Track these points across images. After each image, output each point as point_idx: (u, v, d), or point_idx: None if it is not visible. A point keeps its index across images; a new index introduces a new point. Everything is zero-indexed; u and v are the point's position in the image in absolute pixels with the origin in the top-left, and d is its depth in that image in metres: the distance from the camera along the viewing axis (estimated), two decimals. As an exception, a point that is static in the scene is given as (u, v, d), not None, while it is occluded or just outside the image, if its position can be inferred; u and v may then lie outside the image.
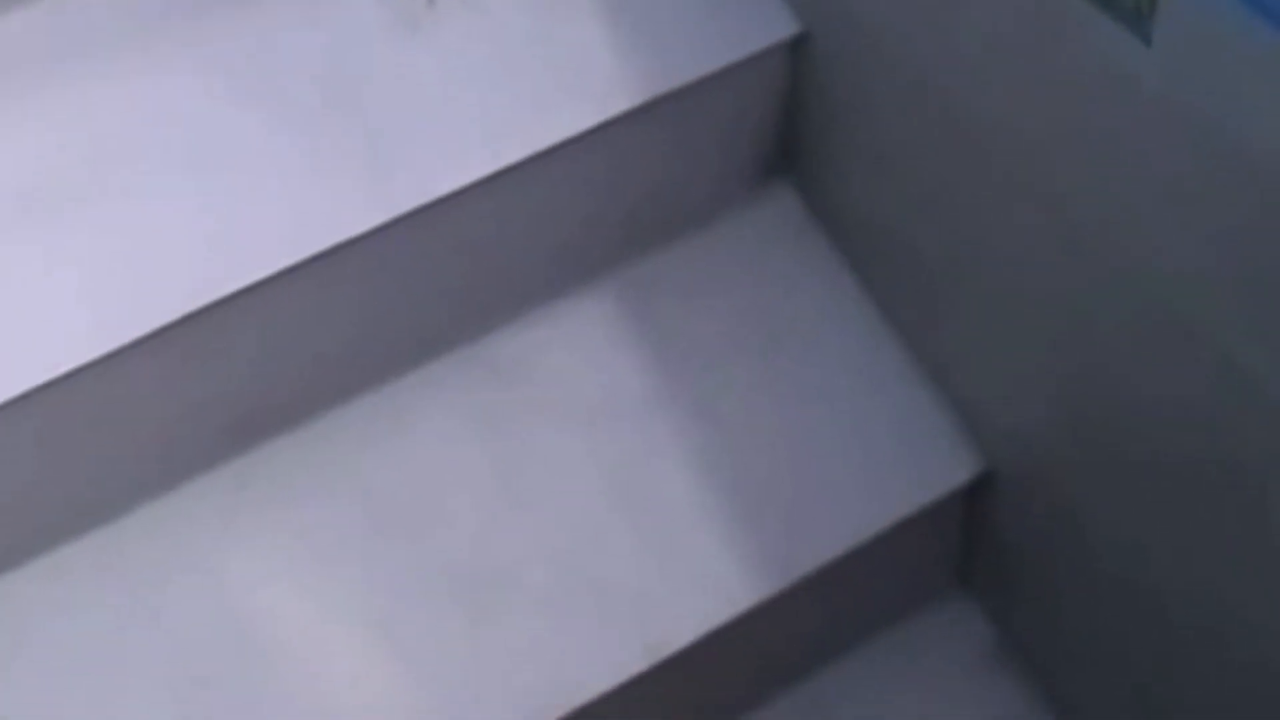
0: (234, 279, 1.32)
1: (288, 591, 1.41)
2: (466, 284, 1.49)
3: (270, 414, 1.45)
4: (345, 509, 1.43)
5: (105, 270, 1.33)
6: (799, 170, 1.60)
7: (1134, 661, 1.43)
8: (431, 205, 1.37)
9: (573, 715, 1.37)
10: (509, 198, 1.43)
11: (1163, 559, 1.31)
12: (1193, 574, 1.27)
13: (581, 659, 1.38)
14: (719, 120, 1.54)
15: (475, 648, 1.38)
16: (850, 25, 1.44)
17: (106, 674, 1.36)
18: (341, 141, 1.39)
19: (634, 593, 1.41)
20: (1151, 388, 1.22)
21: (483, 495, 1.45)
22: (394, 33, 1.44)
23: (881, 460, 1.47)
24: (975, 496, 1.50)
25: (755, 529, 1.43)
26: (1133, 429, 1.28)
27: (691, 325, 1.53)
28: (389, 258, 1.40)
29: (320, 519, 1.43)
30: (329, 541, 1.42)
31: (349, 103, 1.41)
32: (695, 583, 1.42)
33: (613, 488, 1.45)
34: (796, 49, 1.49)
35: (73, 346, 1.29)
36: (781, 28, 1.48)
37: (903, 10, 1.35)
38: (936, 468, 1.48)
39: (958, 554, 1.60)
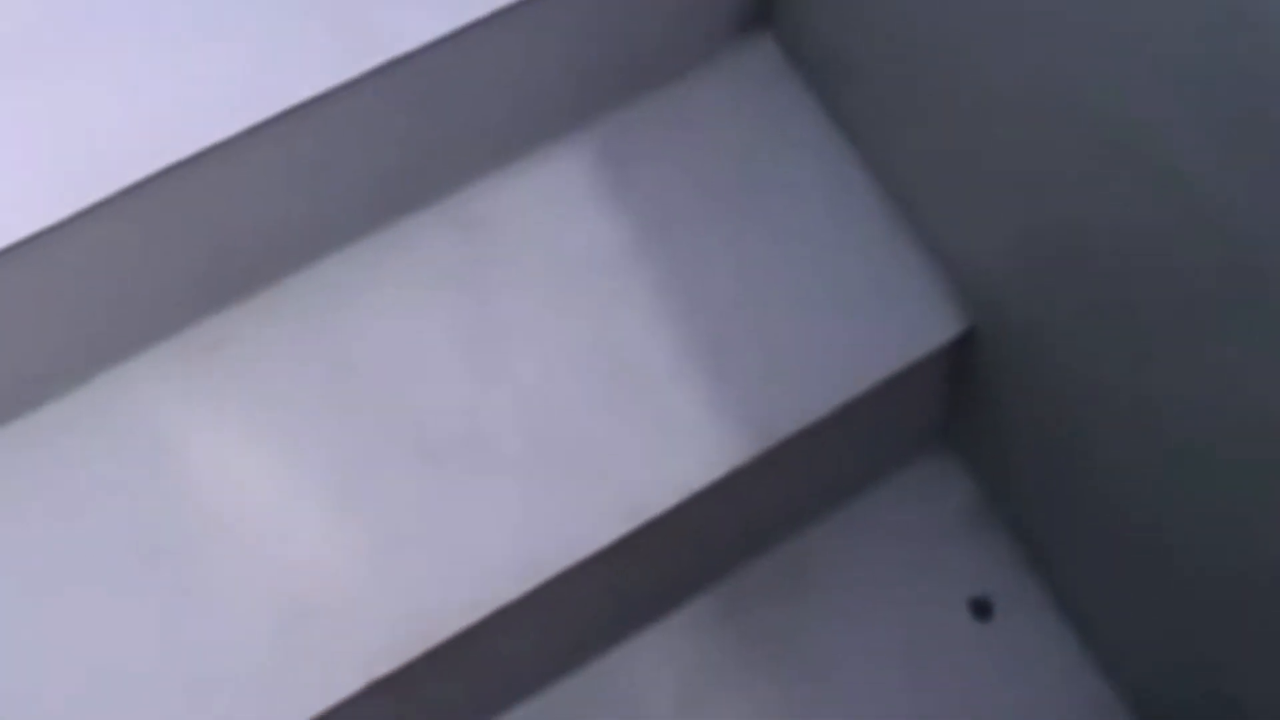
0: (198, 138, 1.27)
1: (252, 459, 1.38)
2: (436, 140, 1.44)
3: (235, 278, 1.41)
4: (311, 374, 1.40)
5: (66, 132, 1.28)
6: (777, 19, 1.55)
7: (1116, 516, 1.43)
8: (399, 60, 1.32)
9: (549, 583, 1.36)
10: (480, 50, 1.38)
11: (1144, 410, 1.31)
12: (1175, 423, 1.25)
13: (558, 525, 1.36)
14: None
15: (448, 515, 1.36)
16: None
17: (67, 545, 1.34)
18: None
19: (611, 456, 1.38)
20: (1123, 232, 1.19)
21: (454, 358, 1.41)
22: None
23: (864, 318, 1.43)
24: (958, 354, 1.48)
25: (735, 390, 1.40)
26: (1107, 275, 1.25)
27: (668, 180, 1.48)
28: (356, 114, 1.35)
29: (286, 385, 1.40)
30: (295, 408, 1.39)
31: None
32: (674, 446, 1.39)
33: (587, 348, 1.42)
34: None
35: (32, 211, 1.25)
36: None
37: None
38: (920, 325, 1.44)
39: (940, 412, 1.58)
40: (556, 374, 1.41)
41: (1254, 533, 1.25)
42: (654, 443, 1.40)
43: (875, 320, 1.45)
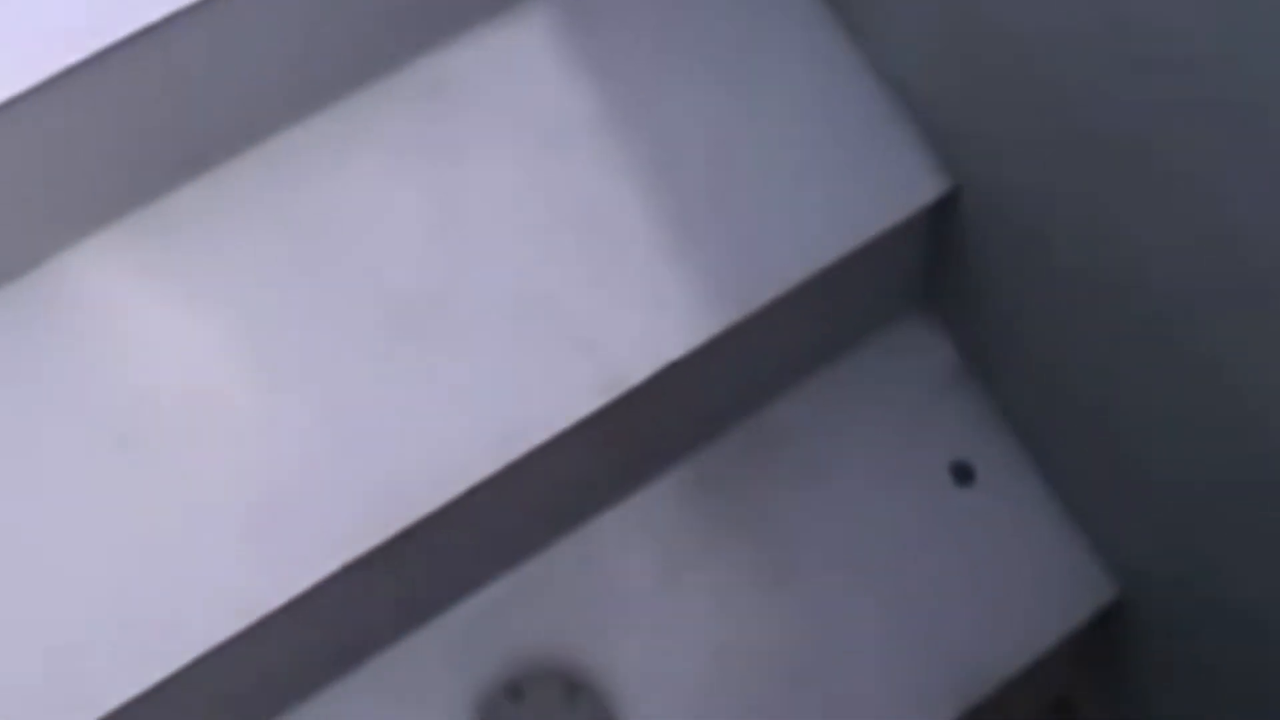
0: (145, 12, 1.22)
1: (215, 339, 1.33)
2: (402, 2, 1.38)
3: (196, 148, 1.35)
4: (274, 249, 1.36)
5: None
6: None
7: (1099, 377, 1.41)
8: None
9: (524, 458, 1.32)
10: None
11: (1128, 270, 1.27)
12: (1160, 283, 1.23)
13: (533, 398, 1.32)
14: None
15: (419, 389, 1.32)
16: None
17: (25, 436, 1.30)
18: None
19: (586, 327, 1.34)
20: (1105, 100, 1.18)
21: (424, 225, 1.37)
22: None
23: (844, 180, 1.38)
24: (940, 216, 1.43)
25: (712, 256, 1.36)
26: (1091, 136, 1.23)
27: (641, 41, 1.42)
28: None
29: (247, 261, 1.35)
30: (257, 284, 1.35)
31: None
32: (651, 314, 1.35)
33: (560, 215, 1.38)
34: None
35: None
36: None
37: None
38: (902, 187, 1.40)
39: (919, 274, 1.54)
40: (528, 242, 1.37)
41: (1236, 390, 1.23)
42: (630, 312, 1.36)
43: (856, 182, 1.40)
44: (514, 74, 1.42)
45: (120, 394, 1.31)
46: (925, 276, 1.54)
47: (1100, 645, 1.54)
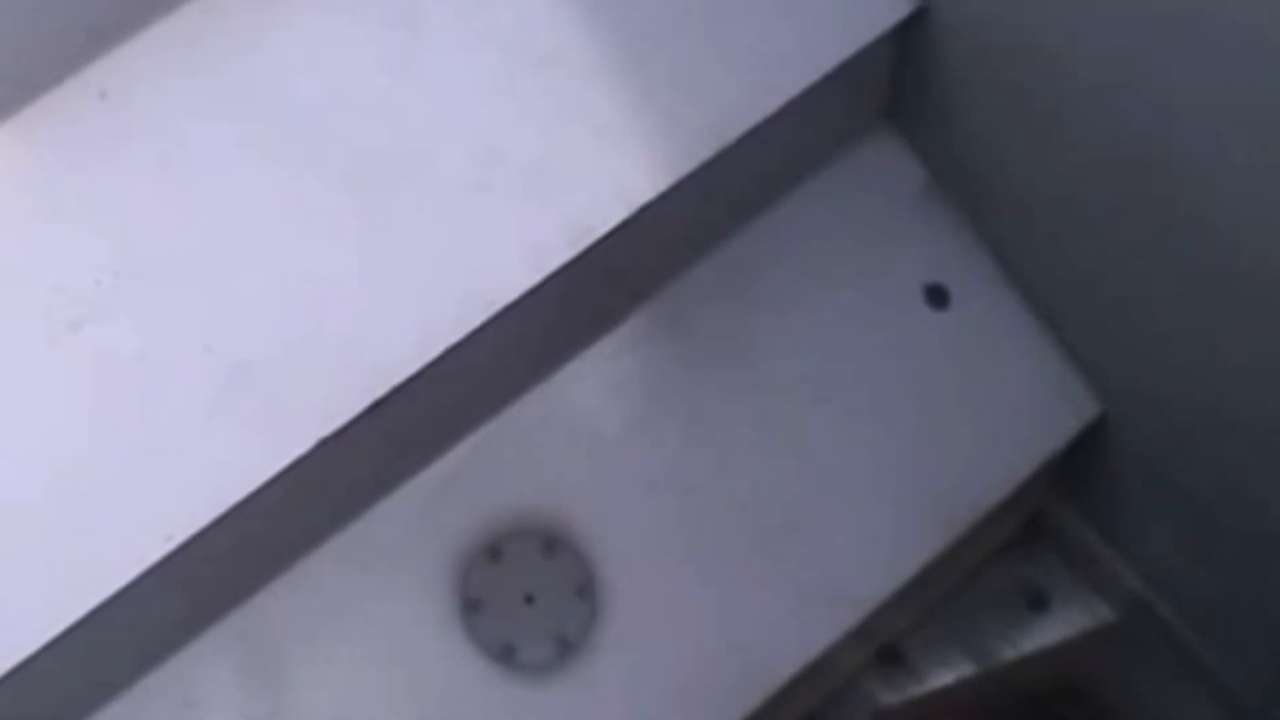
0: None
1: (172, 208, 1.25)
2: None
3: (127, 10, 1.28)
4: (222, 108, 1.27)
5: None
6: None
7: (1069, 191, 1.36)
8: None
9: (495, 317, 1.26)
10: None
11: (1098, 88, 1.24)
12: (1129, 100, 1.19)
13: (501, 254, 1.26)
14: None
15: (384, 252, 1.26)
16: None
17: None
18: None
19: (553, 175, 1.28)
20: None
21: (381, 83, 1.29)
22: None
23: (807, 3, 1.33)
24: (908, 34, 1.37)
25: (678, 95, 1.30)
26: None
27: None
28: None
29: (196, 125, 1.27)
30: (208, 149, 1.26)
31: None
32: (618, 158, 1.29)
33: (520, 65, 1.30)
34: None
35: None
36: None
37: None
38: (868, 6, 1.34)
39: (886, 94, 1.48)
40: (489, 94, 1.30)
41: (1209, 200, 1.21)
42: (595, 158, 1.29)
43: (819, 5, 1.35)
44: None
45: (77, 266, 1.25)
46: (892, 96, 1.48)
47: (1078, 463, 1.53)
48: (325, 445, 1.23)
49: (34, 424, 1.21)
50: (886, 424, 1.46)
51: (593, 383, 1.45)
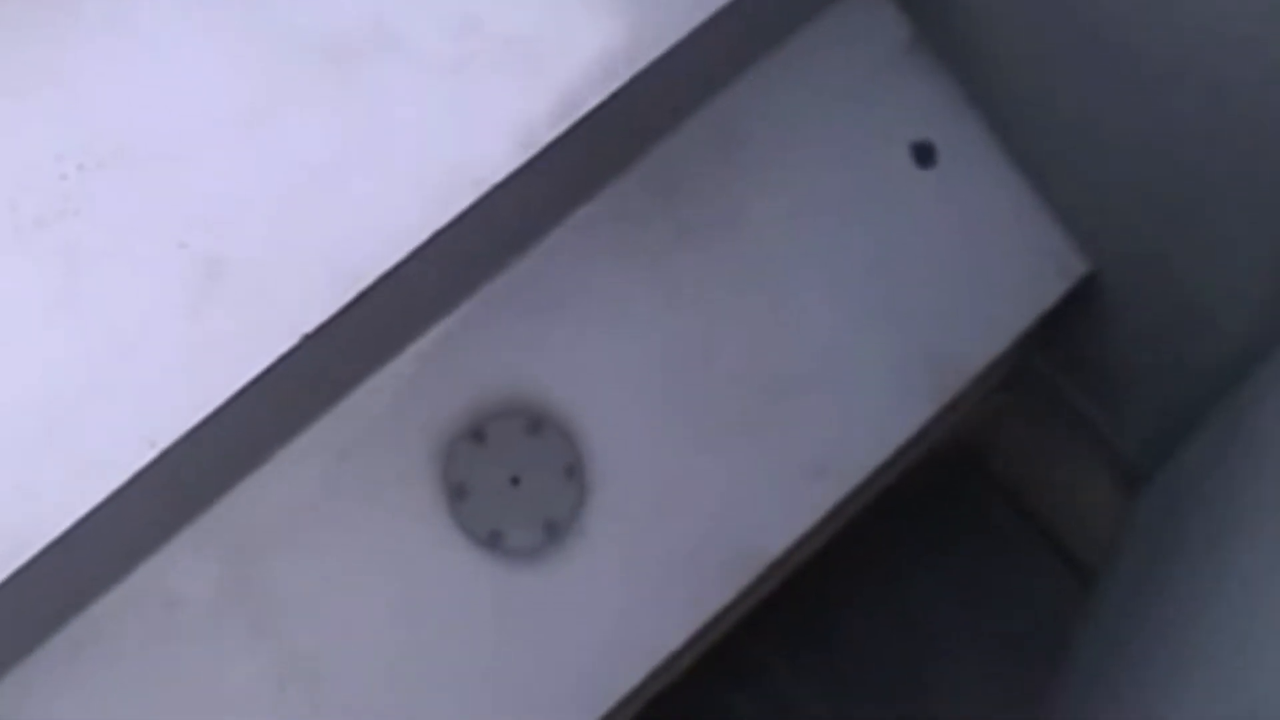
0: None
1: (142, 88, 1.17)
2: None
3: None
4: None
5: None
6: None
7: (1059, 46, 1.32)
8: None
9: (482, 198, 1.20)
10: None
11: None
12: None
13: (482, 132, 1.18)
14: None
15: (363, 132, 1.17)
16: None
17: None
18: None
19: (534, 45, 1.20)
20: None
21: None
22: None
23: None
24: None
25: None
26: None
27: None
28: None
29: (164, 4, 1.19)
30: (180, 27, 1.17)
31: None
32: (602, 27, 1.20)
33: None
34: None
35: None
36: None
37: None
38: None
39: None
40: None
41: (1196, 40, 1.17)
42: (583, 24, 1.22)
43: None
44: None
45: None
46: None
47: (1064, 323, 1.51)
48: (308, 340, 1.19)
49: (2, 329, 1.15)
50: (874, 286, 1.41)
51: (573, 256, 1.38)
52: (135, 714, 1.28)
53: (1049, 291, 1.44)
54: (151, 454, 1.14)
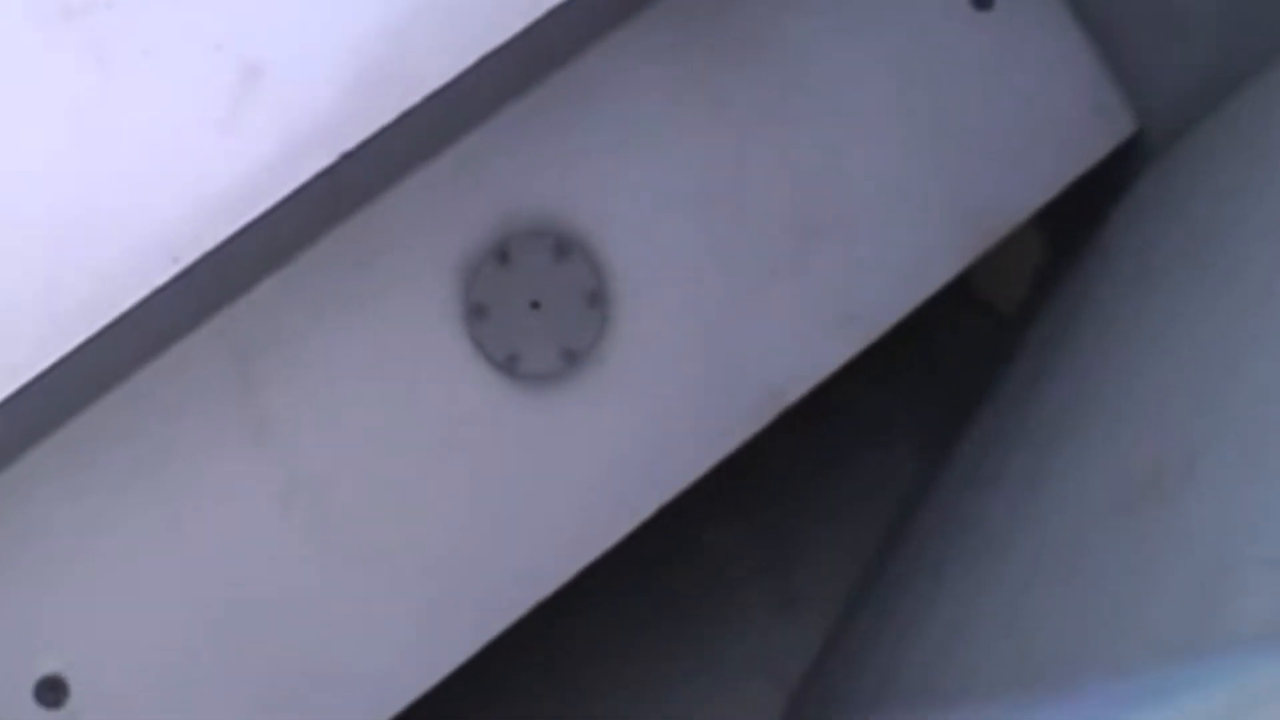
0: None
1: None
2: None
3: None
4: None
5: None
6: None
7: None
8: None
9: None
10: None
11: None
12: None
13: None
14: None
15: None
16: None
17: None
18: None
19: None
20: None
21: None
22: None
23: None
24: None
25: None
26: None
27: None
28: None
29: None
30: None
31: None
32: None
33: None
34: None
35: None
36: None
37: None
38: None
39: None
40: None
41: None
42: None
43: None
44: None
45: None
46: None
47: (1106, 178, 1.45)
48: (345, 158, 1.11)
49: (30, 129, 1.06)
50: (917, 128, 1.33)
51: (615, 76, 1.29)
52: (130, 522, 1.22)
53: (1095, 148, 1.36)
54: (174, 269, 1.08)
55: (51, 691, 1.21)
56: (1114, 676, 0.89)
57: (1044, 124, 1.36)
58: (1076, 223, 1.44)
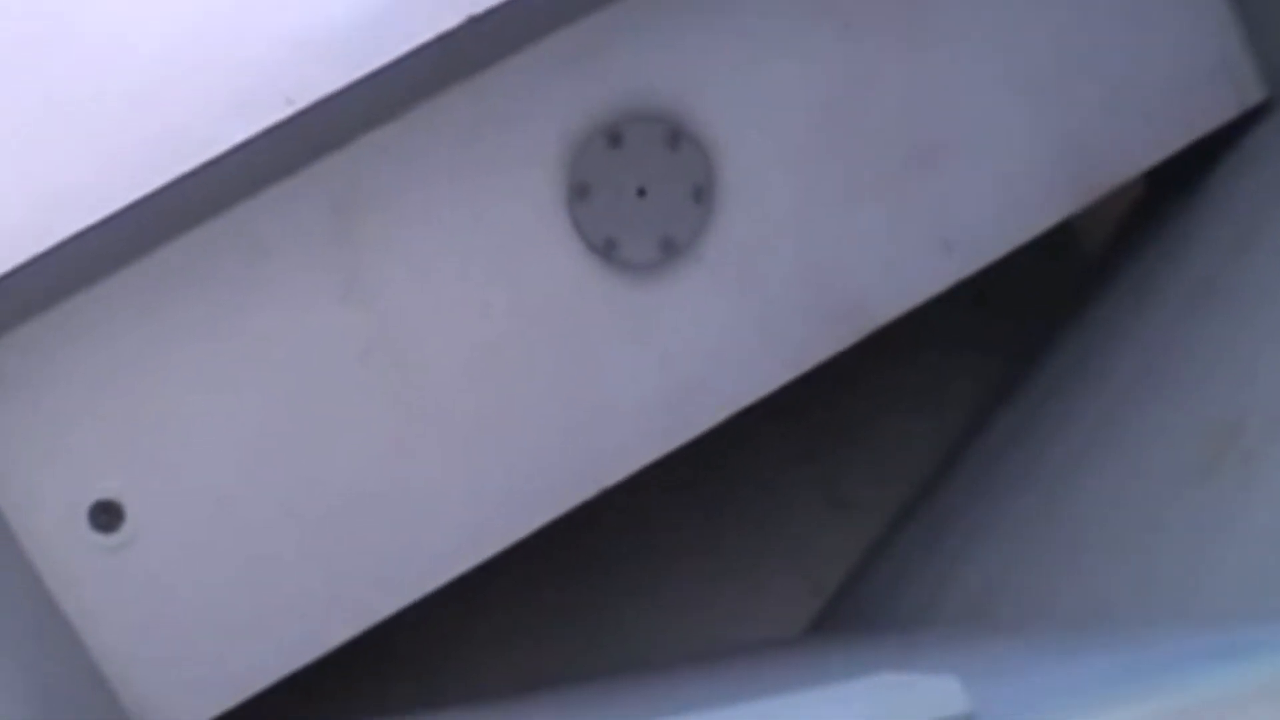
0: None
1: None
2: None
3: None
4: None
5: None
6: None
7: None
8: None
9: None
10: None
11: None
12: None
13: None
14: None
15: None
16: None
17: None
18: None
19: None
20: None
21: None
22: None
23: None
24: None
25: None
26: None
27: None
28: None
29: None
30: None
31: None
32: None
33: None
34: None
35: None
36: None
37: None
38: None
39: None
40: None
41: None
42: None
43: None
44: None
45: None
46: None
47: (1223, 142, 1.40)
48: (471, 21, 1.08)
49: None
50: (1039, 69, 1.29)
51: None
52: (205, 357, 1.20)
53: (1218, 112, 1.31)
54: (287, 111, 1.05)
55: (106, 515, 1.21)
56: (1182, 629, 0.87)
57: (1168, 81, 1.31)
58: (1178, 167, 1.40)
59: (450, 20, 1.04)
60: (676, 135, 1.24)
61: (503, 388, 1.23)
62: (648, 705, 1.13)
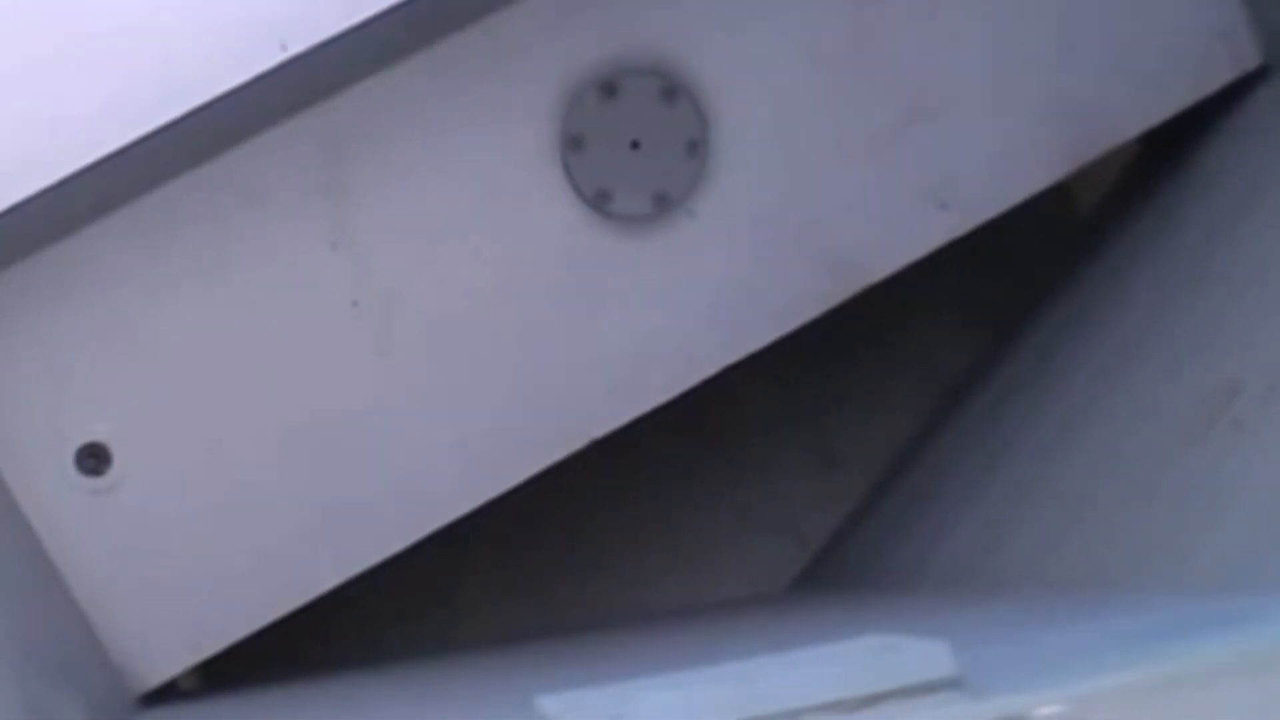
0: None
1: None
2: None
3: None
4: None
5: None
6: None
7: None
8: None
9: None
10: None
11: None
12: None
13: None
14: None
15: None
16: None
17: None
18: None
19: None
20: None
21: None
22: None
23: None
24: None
25: None
26: None
27: None
28: None
29: None
30: None
31: None
32: None
33: None
34: None
35: None
36: None
37: None
38: None
39: None
40: None
41: None
42: None
43: None
44: None
45: None
46: None
47: (1220, 108, 1.38)
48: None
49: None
50: (1036, 31, 1.27)
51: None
52: (194, 301, 1.18)
53: (1214, 76, 1.28)
54: (281, 57, 1.03)
55: (93, 458, 1.19)
56: (1173, 598, 0.86)
57: (1165, 45, 1.28)
58: (1173, 131, 1.38)
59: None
60: (672, 90, 1.22)
61: (492, 337, 1.21)
62: (634, 659, 1.12)
